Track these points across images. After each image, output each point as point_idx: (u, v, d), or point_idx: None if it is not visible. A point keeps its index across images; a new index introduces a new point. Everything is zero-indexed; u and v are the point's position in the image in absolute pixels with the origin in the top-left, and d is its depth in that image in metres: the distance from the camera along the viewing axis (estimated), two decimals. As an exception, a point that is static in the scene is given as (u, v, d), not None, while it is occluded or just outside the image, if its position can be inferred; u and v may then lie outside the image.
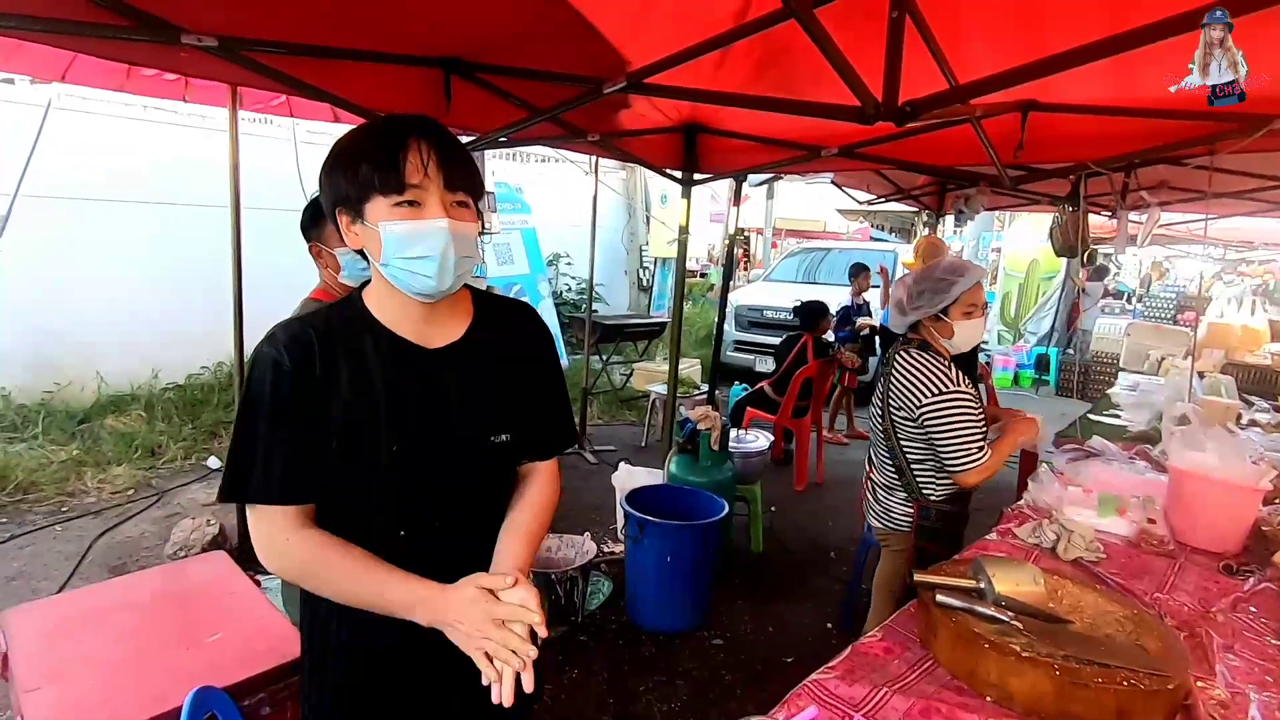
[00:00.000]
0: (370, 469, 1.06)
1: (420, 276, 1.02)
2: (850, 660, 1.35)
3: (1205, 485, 1.95)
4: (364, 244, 1.04)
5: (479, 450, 1.13)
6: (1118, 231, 4.31)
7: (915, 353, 2.21)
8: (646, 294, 9.75)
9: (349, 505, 1.07)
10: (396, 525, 1.09)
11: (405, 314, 1.09)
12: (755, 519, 3.93)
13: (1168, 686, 1.19)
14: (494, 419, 1.15)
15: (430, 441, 1.09)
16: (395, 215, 0.99)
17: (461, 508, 1.14)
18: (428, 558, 1.08)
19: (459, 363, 1.12)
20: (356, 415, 1.04)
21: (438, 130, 1.02)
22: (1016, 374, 9.69)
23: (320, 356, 1.04)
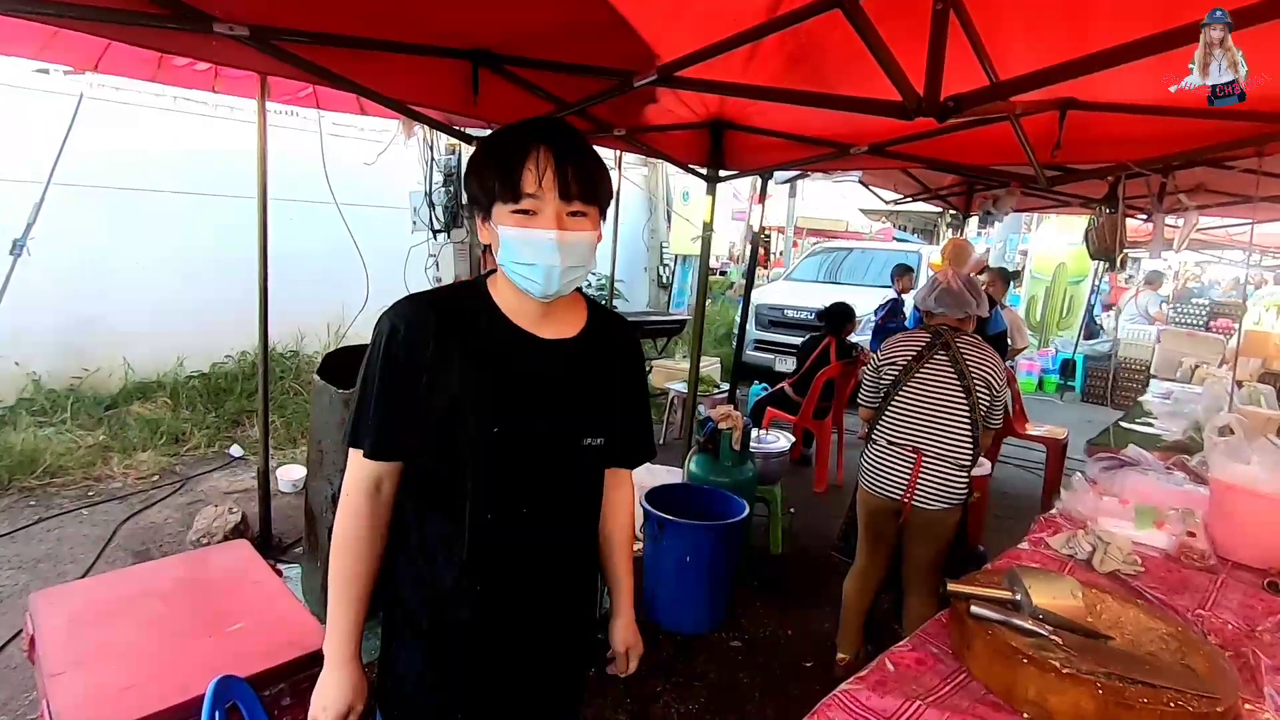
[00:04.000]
0: (470, 446, 1.10)
1: (528, 280, 1.08)
2: (880, 671, 1.32)
3: (1251, 499, 1.88)
4: (489, 241, 1.12)
5: (573, 448, 1.19)
6: (1153, 235, 4.21)
7: (977, 338, 2.54)
8: (666, 291, 9.69)
9: (444, 479, 1.12)
10: (485, 507, 1.12)
11: (522, 305, 1.14)
12: (775, 520, 3.89)
13: (1216, 710, 1.14)
14: (591, 420, 1.20)
15: (530, 428, 1.14)
16: (512, 221, 1.06)
17: (550, 499, 1.18)
18: (511, 540, 1.15)
19: (568, 358, 1.17)
20: (464, 391, 1.09)
21: (564, 138, 1.07)
22: (1041, 379, 9.53)
23: (436, 330, 1.09)
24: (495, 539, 1.14)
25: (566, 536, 1.23)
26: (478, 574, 1.13)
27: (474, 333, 1.12)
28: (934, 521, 2.41)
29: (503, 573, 1.16)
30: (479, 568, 1.13)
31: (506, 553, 1.15)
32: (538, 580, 1.19)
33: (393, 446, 1.12)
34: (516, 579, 1.17)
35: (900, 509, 2.46)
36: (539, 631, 1.21)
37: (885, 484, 2.48)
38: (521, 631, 1.19)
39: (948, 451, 2.39)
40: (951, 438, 2.39)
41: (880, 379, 2.56)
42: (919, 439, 2.42)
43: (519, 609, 1.18)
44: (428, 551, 1.15)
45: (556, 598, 1.23)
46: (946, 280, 2.51)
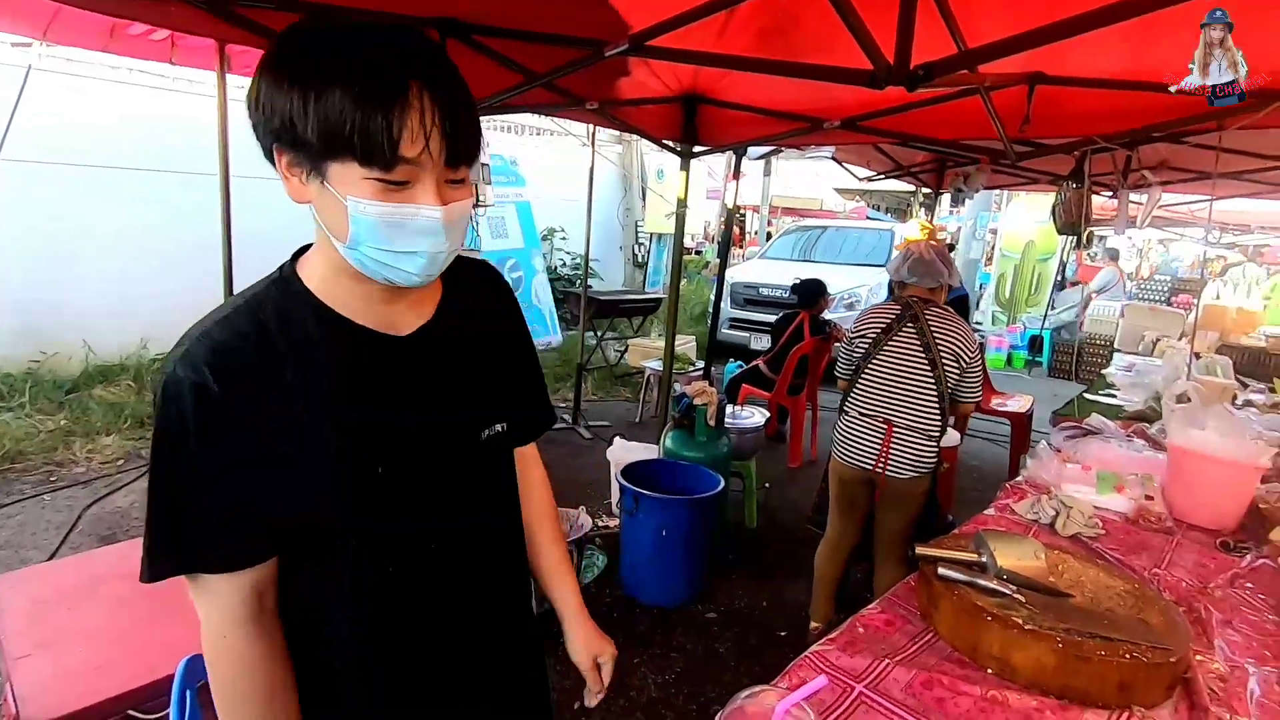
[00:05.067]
0: (350, 499, 0.84)
1: (401, 271, 0.79)
2: (851, 632, 1.35)
3: (1205, 463, 1.95)
4: (316, 206, 0.78)
5: (473, 447, 0.95)
6: (1118, 211, 4.29)
7: (948, 310, 2.56)
8: (642, 270, 9.68)
9: (321, 552, 0.86)
10: (384, 561, 0.88)
11: (364, 298, 0.84)
12: (750, 495, 3.94)
13: (1169, 660, 1.18)
14: (485, 409, 0.96)
15: (419, 451, 0.89)
16: (374, 194, 0.73)
17: (458, 522, 0.95)
18: (423, 582, 0.92)
19: (438, 349, 0.91)
20: (325, 438, 0.81)
21: (446, 73, 0.75)
22: (1010, 355, 9.72)
23: (260, 369, 0.79)
24: (401, 591, 0.90)
25: (486, 549, 1.00)
26: (391, 641, 0.91)
27: (311, 356, 0.81)
28: (904, 490, 2.46)
29: (419, 622, 0.93)
30: (391, 636, 0.91)
31: (419, 598, 0.92)
32: (464, 607, 0.97)
33: (253, 547, 0.81)
34: (437, 619, 0.94)
35: (872, 479, 2.50)
36: (478, 659, 1.00)
37: (857, 454, 2.52)
38: (460, 668, 0.98)
39: (917, 422, 2.43)
40: (920, 409, 2.43)
41: (853, 351, 2.59)
42: (889, 410, 2.46)
43: (450, 647, 0.97)
44: (324, 641, 0.89)
45: (488, 616, 1.01)
46: (919, 251, 2.54)
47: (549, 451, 1.22)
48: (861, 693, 1.16)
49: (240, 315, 0.81)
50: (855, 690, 1.16)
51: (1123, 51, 2.27)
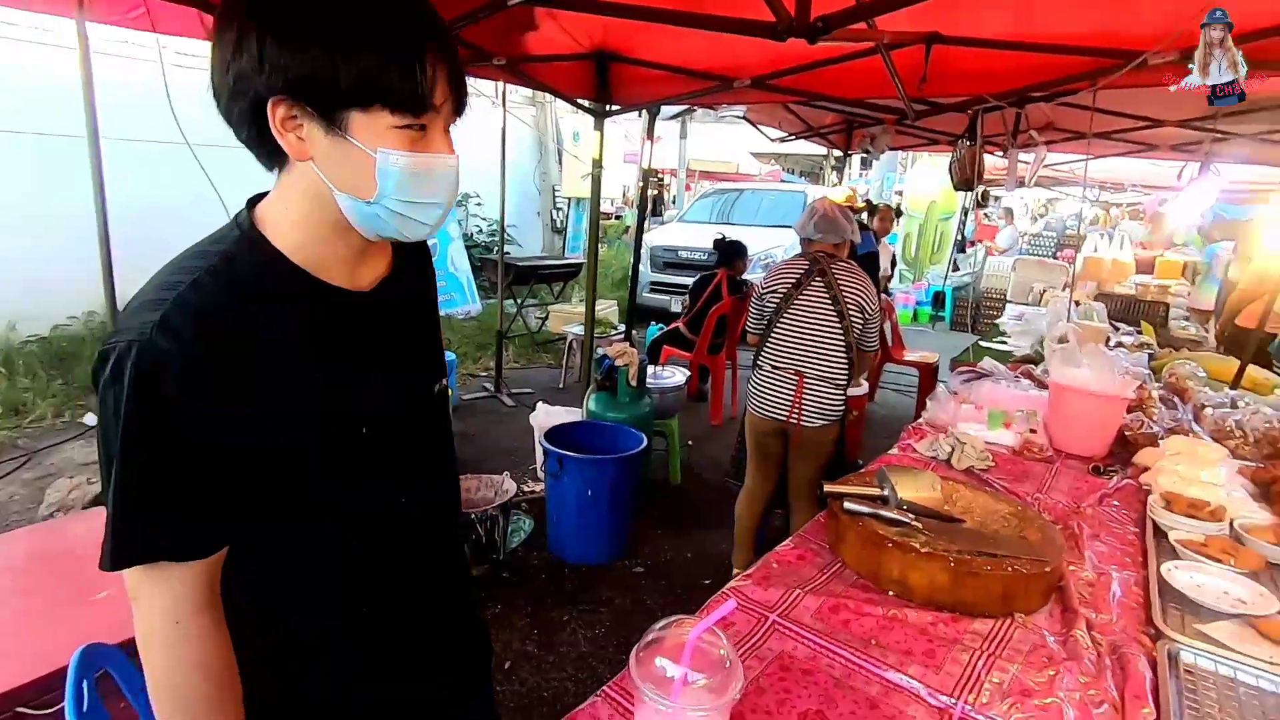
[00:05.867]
0: (336, 431, 0.83)
1: (417, 223, 0.79)
2: (766, 568, 1.41)
3: (1081, 397, 2.13)
4: (324, 162, 0.74)
5: (428, 400, 0.97)
6: (1009, 170, 4.55)
7: (852, 264, 2.66)
8: (560, 235, 9.54)
9: (295, 526, 0.84)
10: (364, 519, 0.89)
11: (334, 254, 0.82)
12: (673, 452, 4.02)
13: (1045, 570, 1.31)
14: (431, 365, 0.99)
15: (392, 407, 0.90)
16: (400, 142, 0.73)
17: (430, 475, 0.98)
18: (391, 555, 0.92)
19: (394, 306, 0.92)
20: (303, 401, 0.80)
21: (445, 26, 0.77)
22: (916, 311, 10.23)
23: (239, 335, 0.75)
24: (374, 556, 0.91)
25: (441, 513, 1.03)
26: (358, 612, 0.91)
27: (287, 317, 0.79)
28: (815, 438, 2.57)
29: (386, 590, 0.93)
30: (359, 607, 0.91)
31: (387, 565, 0.93)
32: (424, 572, 0.99)
33: (230, 521, 0.78)
34: (402, 586, 0.95)
35: (785, 429, 2.60)
36: (436, 626, 1.02)
37: (770, 406, 2.61)
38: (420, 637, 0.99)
39: (826, 372, 2.54)
40: (828, 359, 2.54)
41: (764, 307, 2.66)
42: (800, 362, 2.55)
43: (412, 615, 0.98)
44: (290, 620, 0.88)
45: (443, 582, 1.03)
46: (823, 209, 2.62)
47: (472, 420, 1.21)
48: (775, 621, 1.22)
49: (213, 277, 0.75)
50: (769, 620, 1.23)
51: (1011, 14, 2.40)
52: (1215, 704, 1.06)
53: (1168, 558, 1.46)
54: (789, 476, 2.73)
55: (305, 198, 0.78)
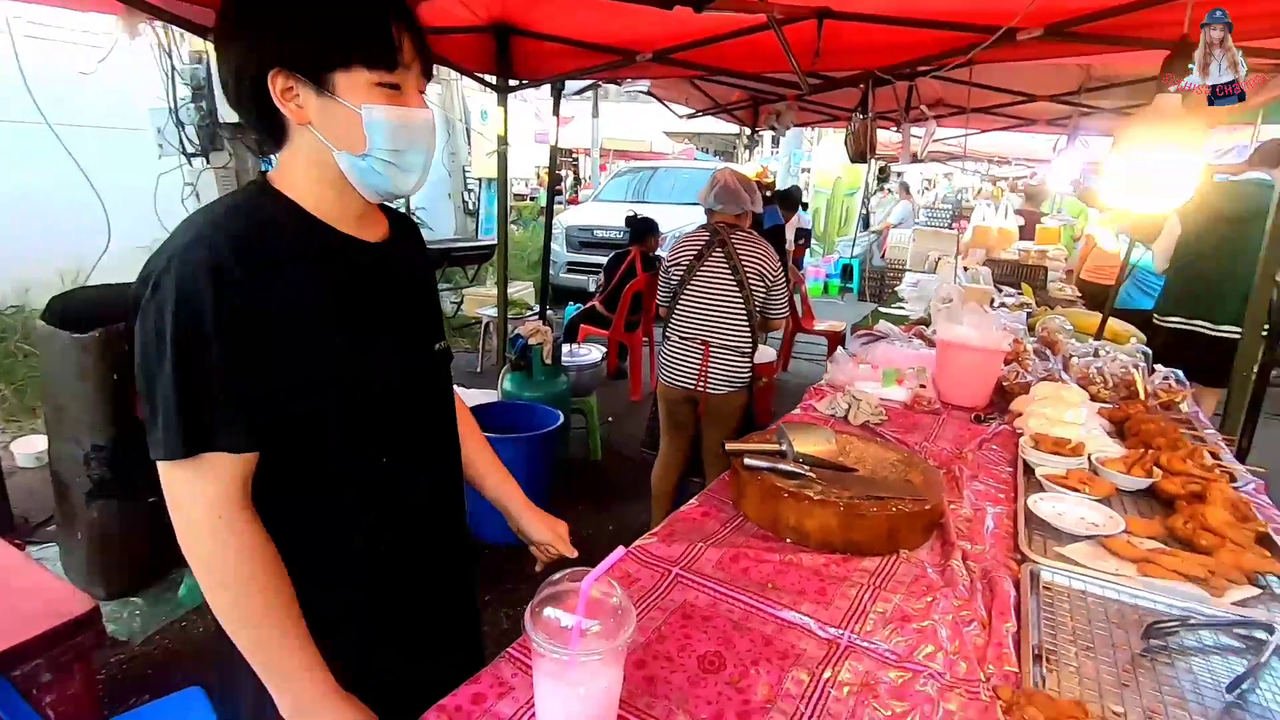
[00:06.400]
0: (355, 389, 0.92)
1: (406, 174, 0.91)
2: (670, 526, 1.45)
3: (964, 352, 2.28)
4: (320, 124, 0.86)
5: (430, 357, 1.07)
6: (903, 144, 4.77)
7: (752, 233, 2.70)
8: (473, 217, 9.31)
9: (319, 443, 0.92)
10: (379, 449, 0.97)
11: (345, 209, 0.94)
12: (593, 429, 4.04)
13: (926, 508, 1.40)
14: (434, 323, 1.09)
15: (402, 348, 1.00)
16: (381, 98, 0.85)
17: (435, 422, 1.08)
18: (409, 484, 1.02)
19: (400, 259, 1.02)
20: (326, 327, 0.89)
21: (405, 2, 0.88)
22: (826, 284, 10.61)
23: (268, 263, 0.84)
24: (393, 482, 0.99)
25: (450, 460, 1.13)
26: (383, 530, 1.00)
27: (308, 256, 0.89)
28: (724, 405, 2.65)
29: (405, 519, 1.02)
30: (384, 522, 0.99)
31: (405, 500, 1.02)
32: (438, 533, 1.09)
33: (263, 424, 0.85)
34: (418, 552, 1.05)
35: (694, 397, 2.67)
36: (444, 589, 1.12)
37: (679, 376, 2.66)
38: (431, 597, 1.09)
39: (730, 341, 2.61)
40: (732, 328, 2.60)
41: (670, 279, 2.70)
42: (705, 331, 2.61)
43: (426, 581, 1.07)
44: (314, 537, 0.94)
45: (452, 549, 1.13)
46: (724, 179, 2.67)
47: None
48: (678, 574, 1.26)
49: (241, 214, 0.87)
50: (672, 573, 1.27)
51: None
52: (1068, 614, 1.18)
53: (1035, 491, 1.60)
54: (702, 443, 2.80)
55: (309, 162, 0.90)
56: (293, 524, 0.91)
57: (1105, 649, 1.09)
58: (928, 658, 1.06)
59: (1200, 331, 3.41)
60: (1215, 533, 1.36)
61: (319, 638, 0.90)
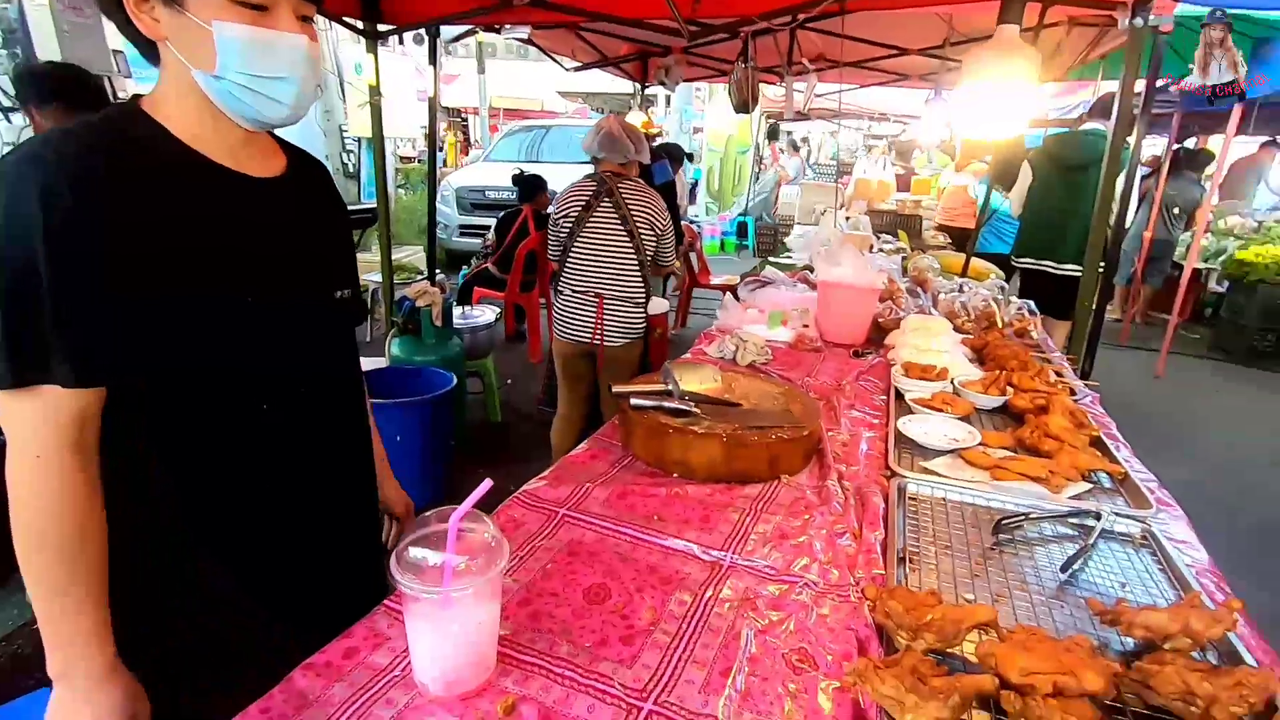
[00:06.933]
0: (219, 327, 0.86)
1: (272, 102, 0.85)
2: (558, 470, 1.44)
3: (842, 291, 2.38)
4: (175, 39, 0.81)
5: (329, 305, 1.02)
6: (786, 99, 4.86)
7: (639, 182, 2.66)
8: (354, 181, 8.77)
9: (194, 374, 0.86)
10: (258, 395, 0.92)
11: (218, 136, 0.87)
12: (490, 391, 3.96)
13: (804, 434, 1.46)
14: (336, 270, 1.03)
15: (283, 288, 0.94)
16: (239, 17, 0.79)
17: (330, 374, 1.03)
18: (300, 434, 0.98)
19: (293, 199, 0.97)
20: (190, 257, 0.83)
21: None
22: (722, 241, 10.80)
23: (113, 185, 0.77)
24: (277, 431, 0.95)
25: (350, 417, 1.08)
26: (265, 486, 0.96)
27: (167, 183, 0.83)
28: (620, 357, 2.65)
29: (294, 476, 0.99)
30: (266, 477, 0.96)
31: (297, 452, 0.98)
32: (330, 473, 1.04)
33: (114, 358, 0.79)
34: (307, 479, 1.01)
35: (590, 350, 2.65)
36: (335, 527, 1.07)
37: (574, 330, 2.63)
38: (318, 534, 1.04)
39: (624, 292, 2.60)
40: (624, 279, 2.59)
41: (559, 231, 2.64)
42: (598, 284, 2.58)
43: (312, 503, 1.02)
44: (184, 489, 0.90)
45: (348, 490, 1.10)
46: (608, 126, 2.62)
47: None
48: (565, 515, 1.26)
49: (86, 132, 0.80)
50: (559, 514, 1.26)
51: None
52: (930, 519, 1.27)
53: (904, 414, 1.70)
54: (600, 397, 2.80)
55: (174, 79, 0.84)
56: (157, 473, 0.87)
57: (961, 547, 1.18)
58: (803, 569, 1.11)
59: (1048, 271, 3.73)
60: (1056, 438, 1.50)
61: (180, 599, 0.87)
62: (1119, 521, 1.24)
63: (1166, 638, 0.88)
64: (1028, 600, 1.04)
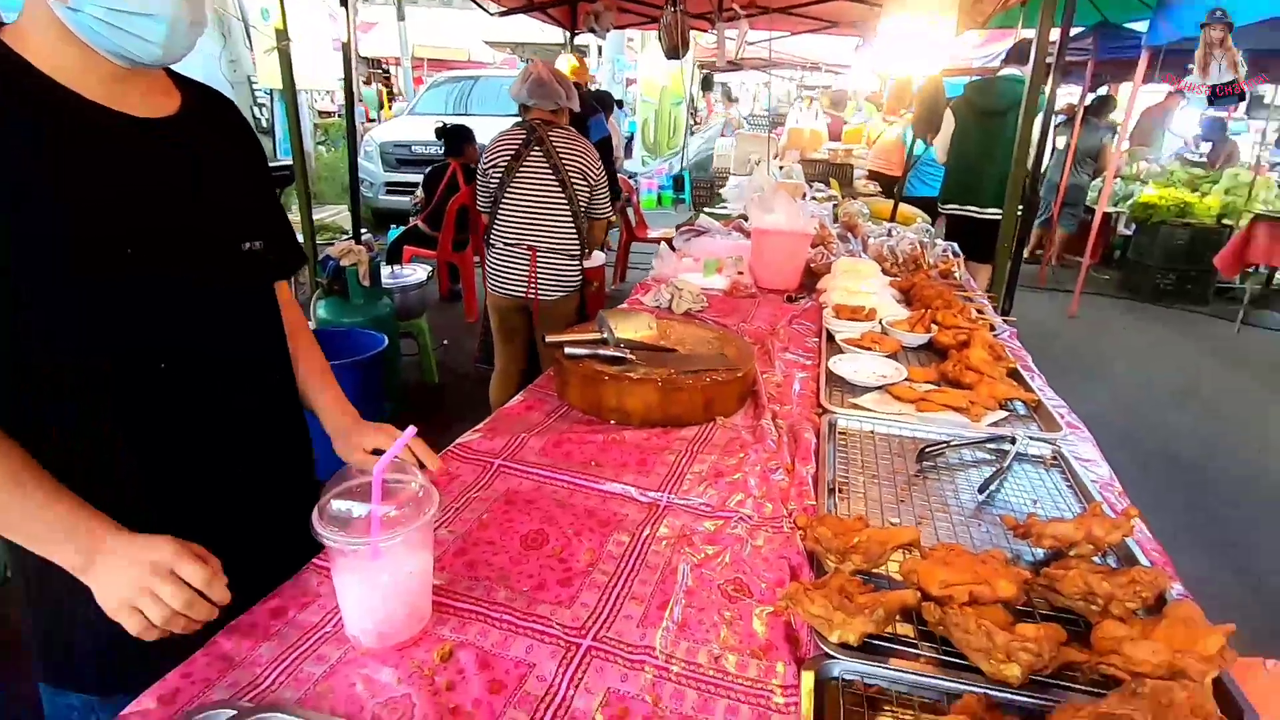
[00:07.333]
0: (101, 280, 0.79)
1: (139, 40, 0.76)
2: (493, 422, 1.42)
3: (775, 237, 2.40)
4: None
5: (234, 257, 0.94)
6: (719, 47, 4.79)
7: (571, 130, 2.56)
8: (268, 136, 8.25)
9: (80, 331, 0.80)
10: (153, 354, 0.85)
11: (87, 71, 0.79)
12: (426, 352, 3.86)
13: (738, 376, 1.47)
14: (243, 219, 0.96)
15: (174, 239, 0.86)
16: None
17: (228, 328, 0.95)
18: (204, 400, 0.91)
19: (187, 141, 0.88)
20: (55, 209, 0.76)
21: None
22: (659, 195, 10.71)
23: None
24: (177, 390, 0.88)
25: (266, 377, 1.01)
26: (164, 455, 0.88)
27: (31, 123, 0.75)
28: (556, 310, 2.61)
29: (194, 443, 0.92)
30: (168, 444, 0.89)
31: (199, 412, 0.91)
32: (236, 433, 0.96)
33: None
34: (207, 438, 0.93)
35: (525, 304, 2.60)
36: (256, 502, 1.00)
37: (508, 283, 2.57)
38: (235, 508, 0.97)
39: (557, 244, 2.54)
40: (558, 231, 2.53)
41: (488, 182, 2.56)
42: (530, 236, 2.52)
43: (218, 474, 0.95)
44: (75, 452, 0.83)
45: (269, 460, 1.03)
46: (537, 71, 2.52)
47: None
48: (500, 465, 1.24)
49: None
50: (494, 465, 1.24)
51: None
52: (858, 451, 1.31)
53: (835, 354, 1.74)
54: (538, 351, 2.76)
55: (38, 12, 0.77)
56: (47, 437, 0.81)
57: (887, 475, 1.23)
58: (738, 504, 1.13)
59: (971, 215, 3.86)
60: (976, 371, 1.56)
61: None
62: (1032, 445, 1.31)
63: (1072, 545, 0.94)
64: (948, 521, 1.10)
